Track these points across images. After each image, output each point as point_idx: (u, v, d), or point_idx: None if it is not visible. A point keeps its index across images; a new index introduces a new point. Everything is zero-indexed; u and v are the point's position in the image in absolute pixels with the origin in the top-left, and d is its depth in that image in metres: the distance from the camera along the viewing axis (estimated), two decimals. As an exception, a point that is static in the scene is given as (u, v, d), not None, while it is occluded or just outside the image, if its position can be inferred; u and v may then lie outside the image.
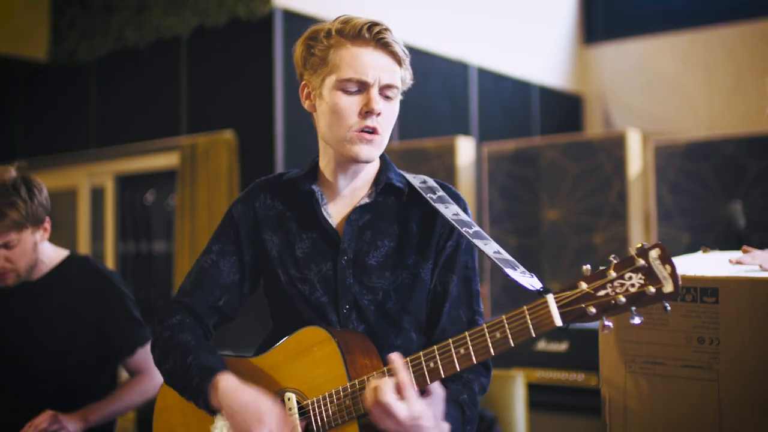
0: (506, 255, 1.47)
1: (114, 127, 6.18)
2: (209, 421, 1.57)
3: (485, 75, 6.97)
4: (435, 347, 1.37)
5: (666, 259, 1.18)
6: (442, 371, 1.36)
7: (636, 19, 8.15)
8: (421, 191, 1.60)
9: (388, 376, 1.37)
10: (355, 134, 1.51)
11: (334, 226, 1.61)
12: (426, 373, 1.37)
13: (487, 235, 1.52)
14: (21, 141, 6.78)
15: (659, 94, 7.88)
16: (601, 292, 1.22)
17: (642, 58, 8.03)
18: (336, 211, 1.63)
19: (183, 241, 5.38)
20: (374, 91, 1.50)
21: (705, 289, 1.33)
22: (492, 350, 1.32)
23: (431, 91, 6.31)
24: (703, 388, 1.32)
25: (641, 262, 1.19)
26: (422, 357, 1.38)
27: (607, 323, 1.22)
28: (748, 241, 3.57)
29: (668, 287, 1.17)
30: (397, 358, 1.37)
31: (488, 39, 7.05)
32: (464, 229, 1.51)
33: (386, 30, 1.52)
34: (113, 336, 2.27)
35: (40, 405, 2.14)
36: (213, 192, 5.26)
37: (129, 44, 5.94)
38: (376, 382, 1.36)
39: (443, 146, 4.90)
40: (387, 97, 1.53)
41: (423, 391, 1.39)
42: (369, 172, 1.63)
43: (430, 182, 1.65)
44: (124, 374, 2.38)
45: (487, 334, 1.32)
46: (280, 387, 1.54)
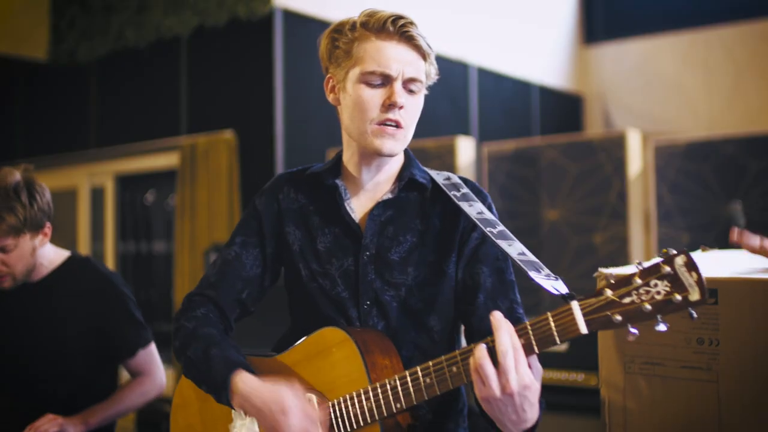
0: (531, 256, 1.43)
1: (114, 127, 6.18)
2: (228, 420, 1.56)
3: (485, 75, 6.97)
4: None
5: (692, 266, 1.16)
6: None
7: (636, 19, 8.15)
8: (444, 188, 1.59)
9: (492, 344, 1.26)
10: (377, 127, 1.51)
11: (357, 221, 1.60)
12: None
13: (511, 235, 1.49)
14: (21, 141, 6.79)
15: (659, 94, 7.87)
16: (627, 300, 1.20)
17: (642, 58, 8.03)
18: (359, 206, 1.62)
19: (183, 241, 5.38)
20: (397, 85, 1.50)
21: (704, 290, 1.32)
22: None
23: (431, 91, 6.29)
24: (703, 389, 1.32)
25: (667, 269, 1.17)
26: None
27: (633, 330, 1.20)
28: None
29: (695, 295, 1.15)
30: (502, 320, 1.26)
31: (488, 39, 7.05)
32: (488, 229, 1.48)
33: (411, 23, 1.52)
34: (114, 337, 2.26)
35: (41, 406, 2.14)
36: (213, 192, 5.25)
37: (129, 44, 5.94)
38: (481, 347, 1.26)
39: (443, 146, 4.90)
40: (411, 91, 1.53)
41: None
42: (392, 167, 1.62)
43: (454, 179, 1.63)
44: (125, 375, 2.38)
45: None
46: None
